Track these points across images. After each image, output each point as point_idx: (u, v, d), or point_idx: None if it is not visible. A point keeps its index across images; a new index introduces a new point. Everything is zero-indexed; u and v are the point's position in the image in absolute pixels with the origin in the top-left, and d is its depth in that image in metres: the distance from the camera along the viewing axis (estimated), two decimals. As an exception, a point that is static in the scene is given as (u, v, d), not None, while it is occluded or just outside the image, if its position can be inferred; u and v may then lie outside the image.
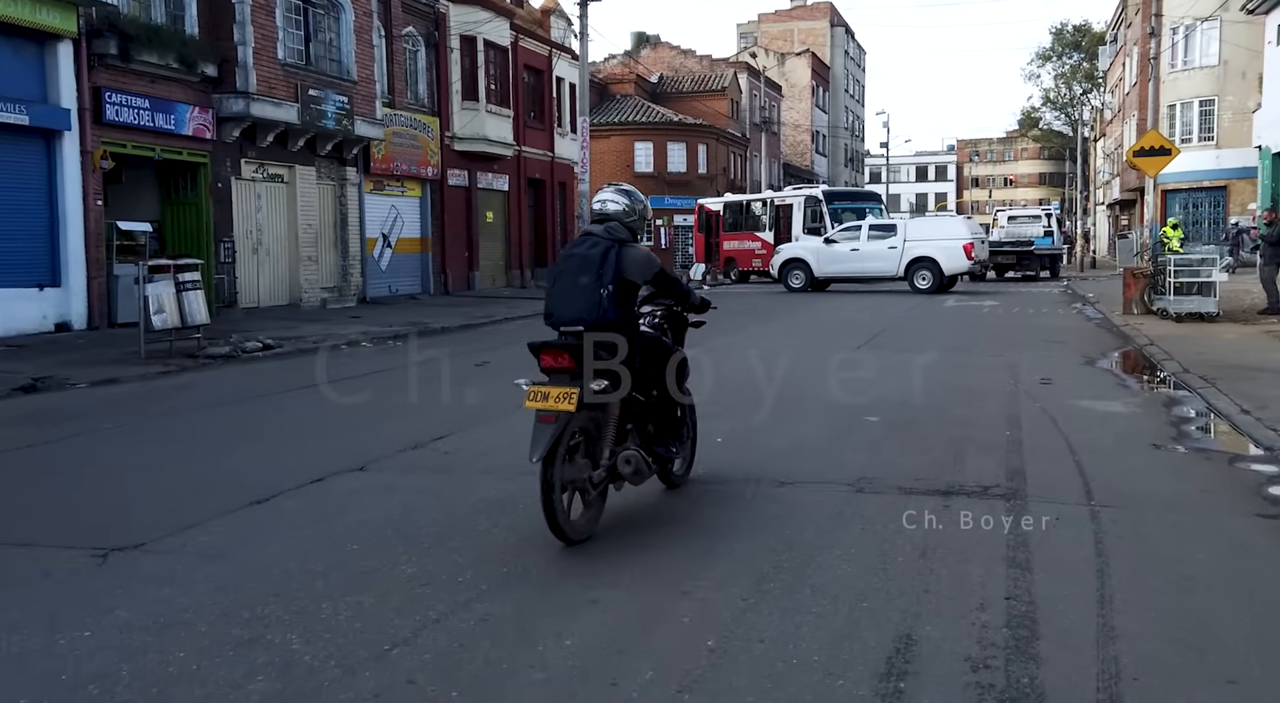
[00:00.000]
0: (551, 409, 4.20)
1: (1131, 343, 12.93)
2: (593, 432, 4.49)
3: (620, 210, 4.69)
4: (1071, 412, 7.83)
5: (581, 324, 4.41)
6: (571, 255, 4.53)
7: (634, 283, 4.56)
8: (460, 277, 24.61)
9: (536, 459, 4.17)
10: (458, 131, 24.06)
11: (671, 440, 5.05)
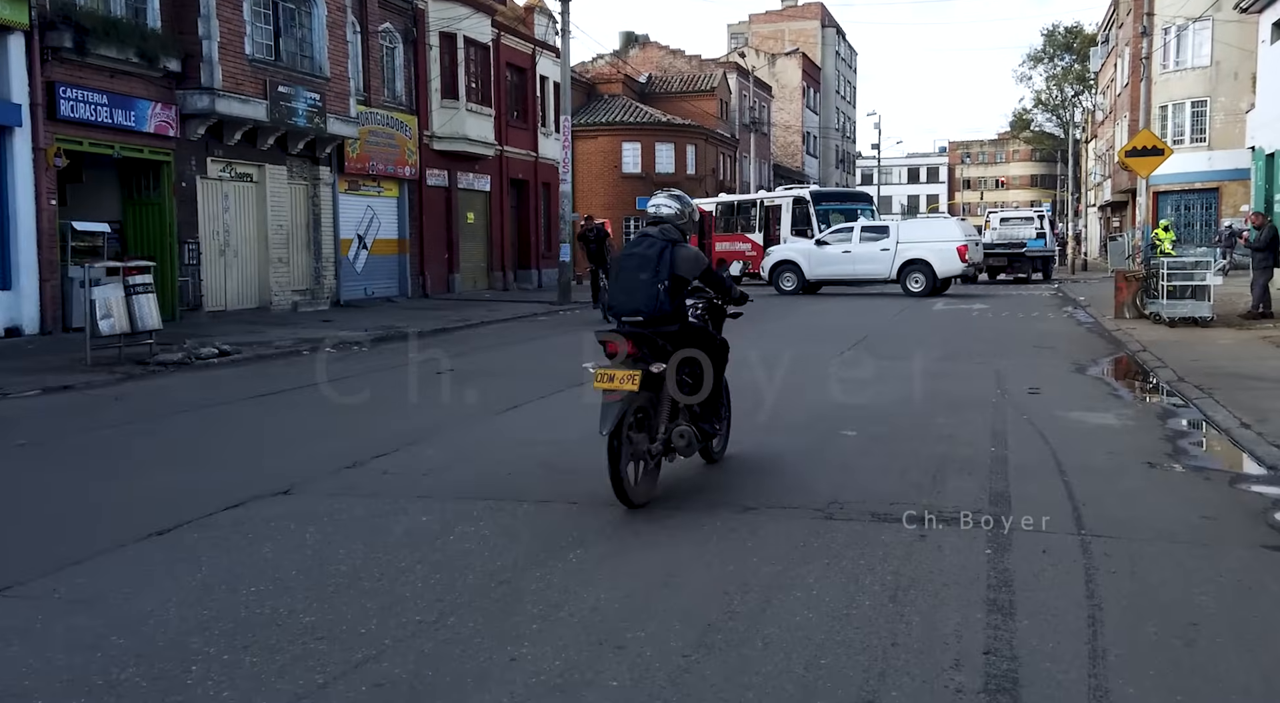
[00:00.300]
0: (617, 389, 4.81)
1: (1123, 349, 12.49)
2: (650, 410, 5.12)
3: (673, 214, 5.35)
4: (1060, 425, 7.37)
5: (640, 315, 5.07)
6: (631, 255, 5.16)
7: (685, 278, 5.21)
8: (440, 279, 24.08)
9: (605, 433, 4.76)
10: (437, 131, 23.53)
11: (714, 419, 5.73)
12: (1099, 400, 8.63)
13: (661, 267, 5.05)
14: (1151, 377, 10.09)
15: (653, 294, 5.05)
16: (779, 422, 7.53)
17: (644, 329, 5.09)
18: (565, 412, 8.13)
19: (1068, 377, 10.15)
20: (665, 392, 5.21)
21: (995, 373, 10.29)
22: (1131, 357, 11.73)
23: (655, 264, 5.06)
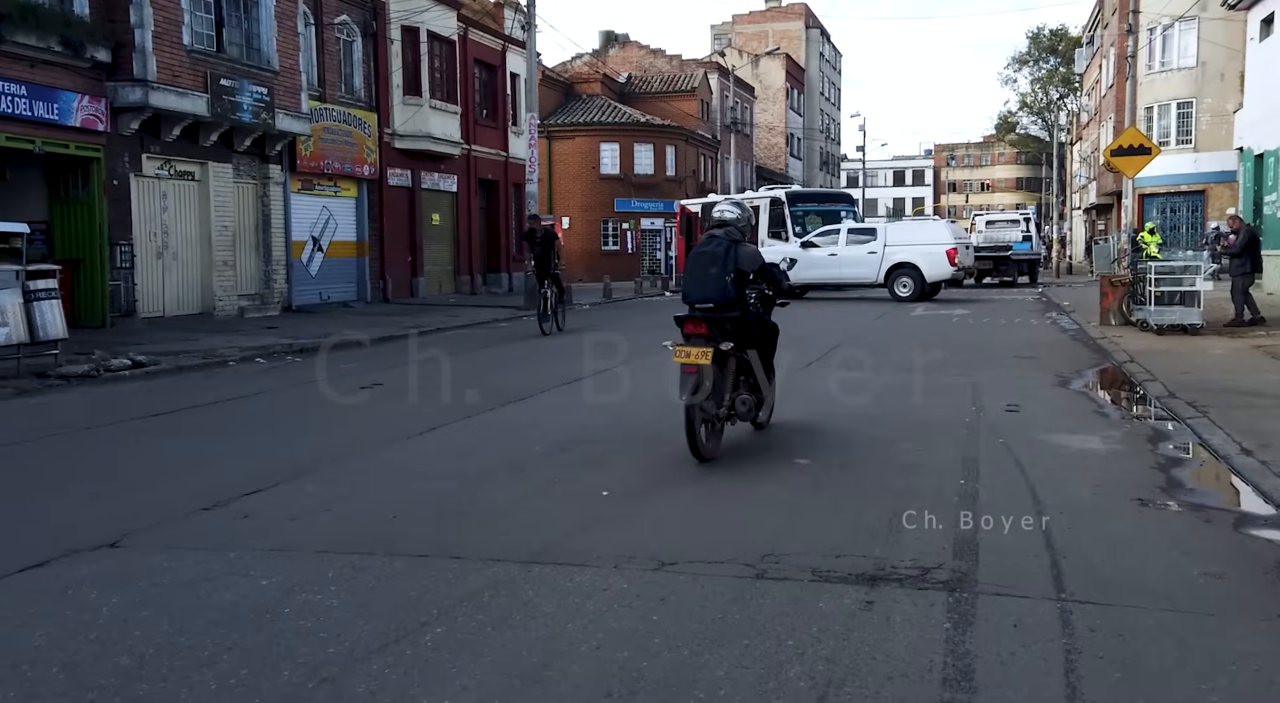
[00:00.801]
0: (693, 363, 5.83)
1: (1109, 360, 11.71)
2: (718, 381, 6.00)
3: (735, 218, 6.32)
4: (1040, 451, 6.55)
5: (711, 302, 6.07)
6: (702, 253, 6.17)
7: (746, 272, 6.19)
8: (402, 283, 23.15)
9: (684, 399, 5.81)
10: (399, 128, 22.62)
11: (770, 388, 6.74)
12: (1083, 420, 7.81)
13: (728, 262, 6.10)
14: (1140, 392, 9.30)
15: (721, 285, 6.09)
16: (723, 448, 6.68)
17: (714, 314, 6.12)
18: (485, 436, 7.27)
19: (1049, 392, 9.35)
20: (729, 366, 6.17)
21: (972, 387, 9.49)
22: (1118, 368, 10.94)
23: (723, 260, 6.10)
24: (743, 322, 6.25)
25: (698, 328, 6.08)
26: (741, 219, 6.37)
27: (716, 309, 6.12)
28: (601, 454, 6.55)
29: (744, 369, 6.38)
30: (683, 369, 5.91)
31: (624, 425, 7.59)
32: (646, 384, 9.64)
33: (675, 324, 6.21)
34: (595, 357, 12.14)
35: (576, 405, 8.72)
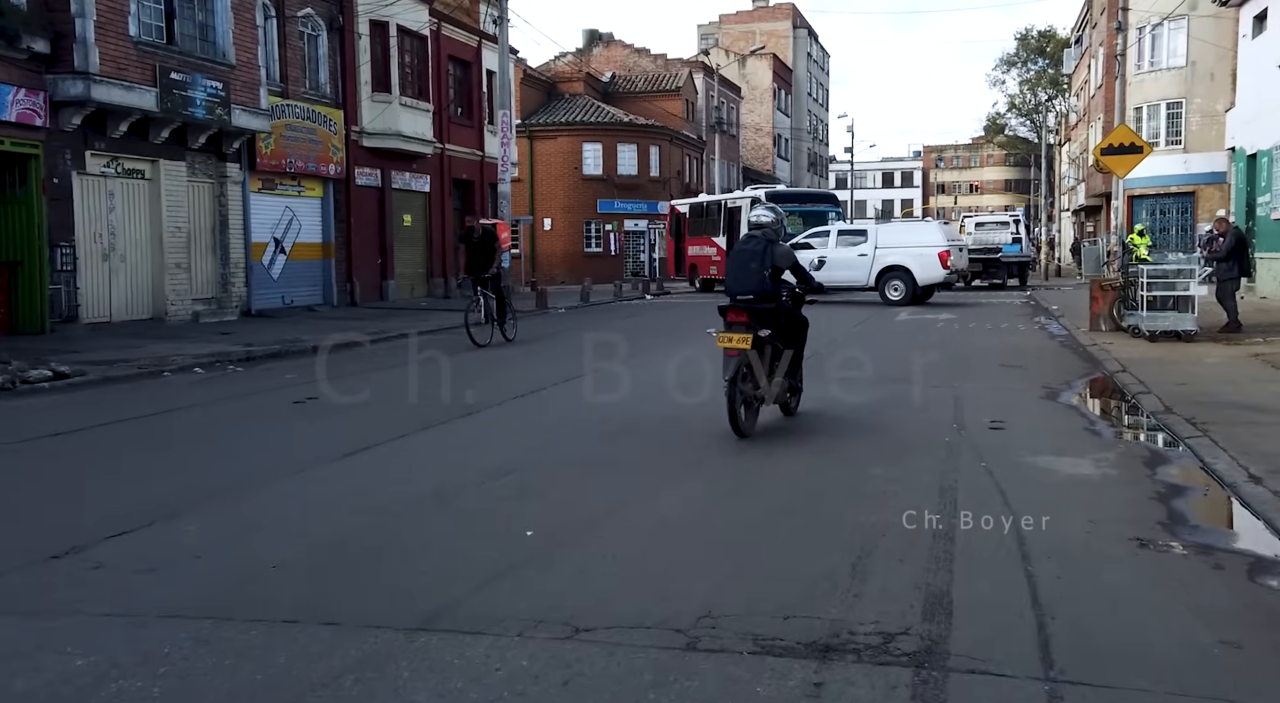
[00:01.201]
0: (735, 347, 6.60)
1: (1100, 368, 11.08)
2: (756, 366, 6.74)
3: (770, 222, 7.13)
4: (1026, 477, 5.88)
5: (751, 294, 6.85)
6: (743, 251, 7.00)
7: (780, 268, 6.94)
8: (371, 286, 22.39)
9: (727, 379, 6.59)
10: (367, 126, 21.86)
11: (799, 375, 7.45)
12: (1073, 440, 7.14)
13: (765, 258, 6.91)
14: (1134, 405, 8.65)
15: (760, 279, 6.89)
16: (672, 478, 5.99)
17: (753, 304, 6.88)
18: (416, 459, 6.56)
19: (1037, 405, 8.69)
20: (766, 352, 6.90)
21: (954, 400, 8.82)
22: (1110, 379, 10.30)
23: (761, 256, 6.91)
24: (777, 312, 7.05)
25: (739, 316, 6.88)
26: (776, 222, 7.26)
27: (755, 300, 6.94)
28: (537, 483, 5.86)
29: (778, 356, 7.13)
30: (725, 353, 6.75)
31: (565, 449, 6.90)
32: (597, 403, 8.96)
33: (719, 313, 7.07)
34: (548, 369, 11.46)
35: (524, 425, 8.01)
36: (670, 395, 9.21)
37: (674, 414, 8.17)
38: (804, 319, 7.58)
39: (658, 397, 9.16)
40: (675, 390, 9.52)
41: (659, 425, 7.67)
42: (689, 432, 7.35)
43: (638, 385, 9.90)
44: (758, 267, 6.93)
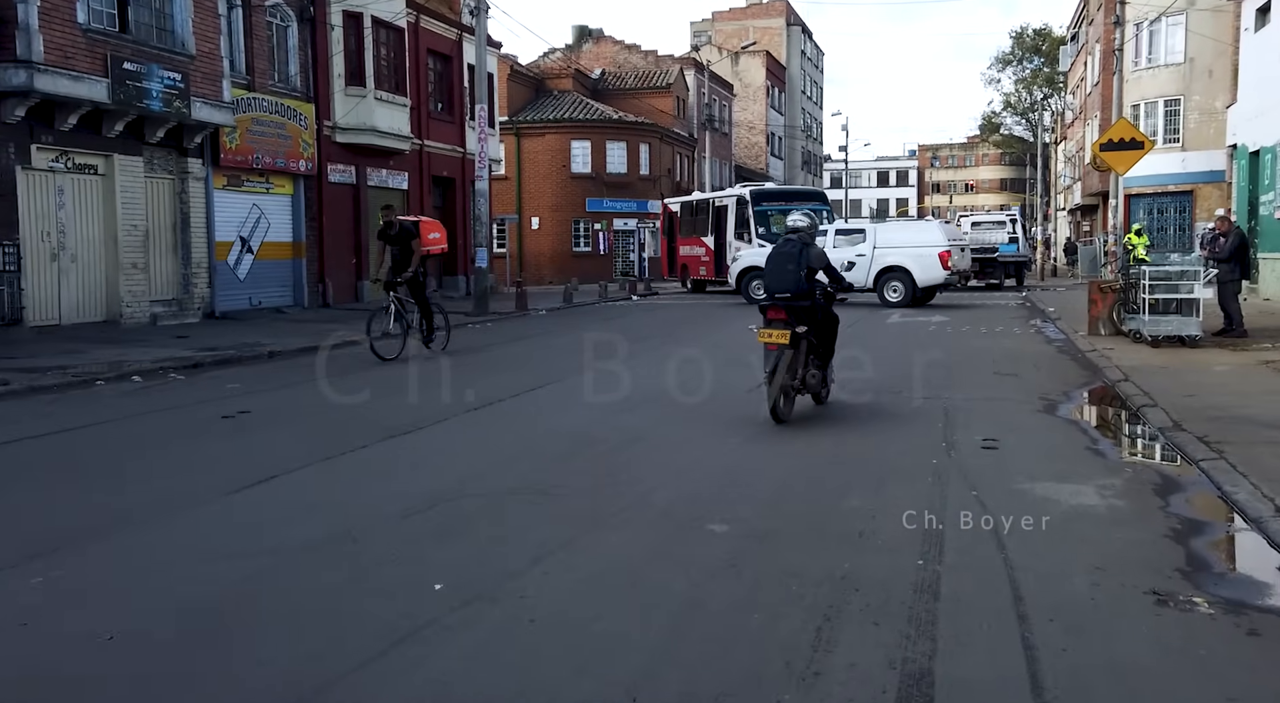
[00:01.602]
0: (775, 342, 7.34)
1: (1101, 377, 10.37)
2: (793, 359, 7.46)
3: (806, 225, 7.78)
4: (1023, 510, 5.17)
5: (789, 292, 7.52)
6: (781, 252, 7.65)
7: (815, 268, 7.63)
8: (345, 287, 21.63)
9: (767, 371, 7.36)
10: (340, 121, 21.10)
11: (830, 369, 8.10)
12: (1074, 462, 6.42)
13: (801, 260, 7.41)
14: (1139, 419, 7.94)
15: (797, 279, 7.39)
16: (621, 510, 5.27)
17: (791, 302, 7.38)
18: (334, 488, 5.82)
19: (1034, 420, 7.97)
20: (802, 346, 7.43)
21: (944, 413, 8.12)
22: (1111, 389, 9.59)
23: (797, 258, 7.42)
24: (811, 310, 7.58)
25: (778, 314, 7.43)
26: (811, 226, 7.80)
27: (792, 298, 7.46)
28: (461, 519, 5.13)
29: (812, 350, 7.71)
30: (765, 347, 7.38)
31: (497, 479, 6.17)
32: (546, 424, 8.24)
33: (759, 311, 7.66)
34: (492, 381, 10.73)
35: (460, 448, 7.29)
36: (623, 418, 8.48)
37: (631, 435, 7.45)
38: (836, 316, 8.09)
39: (609, 419, 8.43)
40: (634, 408, 8.80)
41: (606, 453, 6.95)
42: (641, 458, 6.64)
43: (592, 405, 9.19)
44: (794, 268, 7.48)
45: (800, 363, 7.52)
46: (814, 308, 7.60)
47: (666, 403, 8.92)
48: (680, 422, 7.89)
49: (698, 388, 9.79)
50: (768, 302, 7.59)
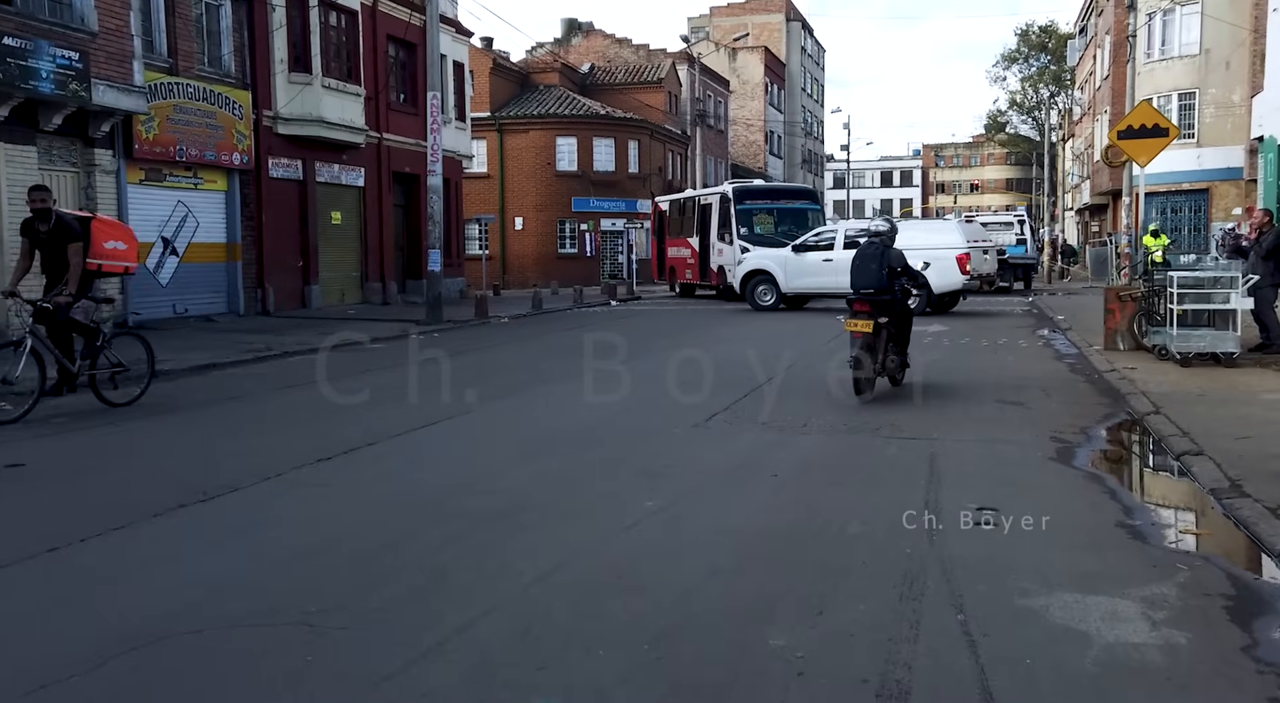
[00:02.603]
0: (859, 331, 8.45)
1: (1125, 406, 8.54)
2: (875, 346, 8.56)
3: (885, 230, 8.98)
4: (1034, 650, 3.35)
5: (871, 289, 8.62)
6: (864, 254, 8.82)
7: (894, 268, 8.71)
8: (289, 292, 19.84)
9: (852, 355, 8.49)
10: (282, 111, 19.32)
11: (905, 355, 9.24)
12: (1105, 552, 4.58)
13: (882, 260, 8.70)
14: (1183, 472, 6.11)
15: (879, 277, 8.66)
16: (422, 644, 3.44)
17: (873, 297, 8.63)
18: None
19: (1045, 474, 6.13)
20: (883, 335, 8.65)
21: (929, 462, 6.31)
22: (1141, 424, 7.76)
23: (879, 259, 8.71)
24: (891, 303, 8.63)
25: (862, 307, 8.50)
26: (891, 231, 8.94)
27: (874, 293, 8.52)
28: (212, 661, 3.30)
29: (892, 338, 8.72)
30: (851, 335, 8.51)
31: (255, 599, 4.35)
32: (397, 489, 6.45)
33: (846, 305, 8.83)
34: (369, 416, 8.94)
35: (265, 523, 5.49)
36: (513, 473, 6.69)
37: (506, 505, 5.66)
38: (911, 310, 9.40)
39: (495, 474, 6.63)
40: (535, 456, 7.02)
41: (450, 540, 5.14)
42: (492, 548, 4.83)
43: (484, 451, 7.41)
44: (876, 267, 8.65)
45: (881, 349, 8.65)
46: (893, 302, 8.74)
47: (580, 446, 7.11)
48: (581, 480, 6.08)
49: (624, 427, 7.99)
50: (853, 296, 8.73)
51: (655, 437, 7.38)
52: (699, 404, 8.63)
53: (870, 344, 8.48)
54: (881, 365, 8.71)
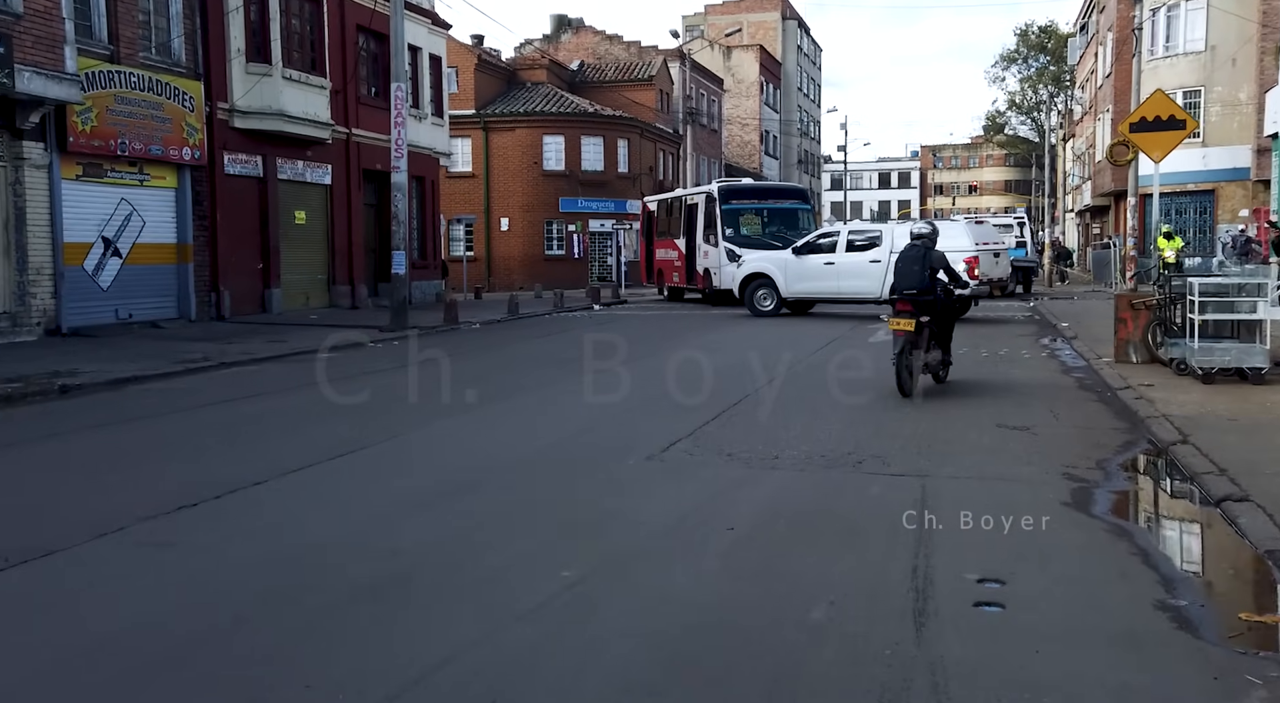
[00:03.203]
0: (902, 329, 8.72)
1: (1146, 432, 7.44)
2: (919, 343, 8.87)
3: (928, 233, 9.31)
4: None
5: (914, 289, 8.91)
6: (907, 256, 9.15)
7: (936, 269, 9.03)
8: (247, 296, 18.72)
9: (895, 353, 8.78)
10: (239, 103, 18.21)
11: (948, 353, 9.56)
12: (1144, 652, 3.47)
13: (924, 262, 8.99)
14: (1228, 521, 5.01)
15: (921, 277, 8.93)
16: None
17: (916, 297, 8.90)
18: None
19: (1060, 530, 5.01)
20: (925, 333, 8.93)
21: (918, 508, 5.20)
22: (1167, 456, 6.66)
23: (921, 261, 9.00)
24: (933, 303, 9.03)
25: (905, 306, 8.89)
26: (933, 233, 9.38)
27: (917, 294, 8.91)
28: None
29: (934, 336, 9.15)
30: (894, 334, 8.85)
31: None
32: (262, 550, 5.33)
33: (889, 305, 9.43)
34: (280, 444, 7.84)
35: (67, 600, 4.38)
36: (418, 521, 5.61)
37: (382, 577, 4.56)
38: (954, 308, 9.81)
39: (394, 523, 5.54)
40: (455, 497, 5.93)
41: (288, 631, 4.04)
42: (354, 637, 3.72)
43: (390, 492, 6.32)
44: (919, 268, 8.90)
45: (923, 346, 8.92)
46: (935, 302, 9.00)
47: (510, 484, 6.01)
48: (494, 534, 4.97)
49: (569, 458, 6.89)
50: (896, 297, 9.03)
51: (601, 471, 6.29)
52: (660, 429, 7.53)
53: (913, 342, 8.77)
54: (924, 363, 9.01)
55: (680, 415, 8.11)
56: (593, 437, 7.48)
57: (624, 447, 6.94)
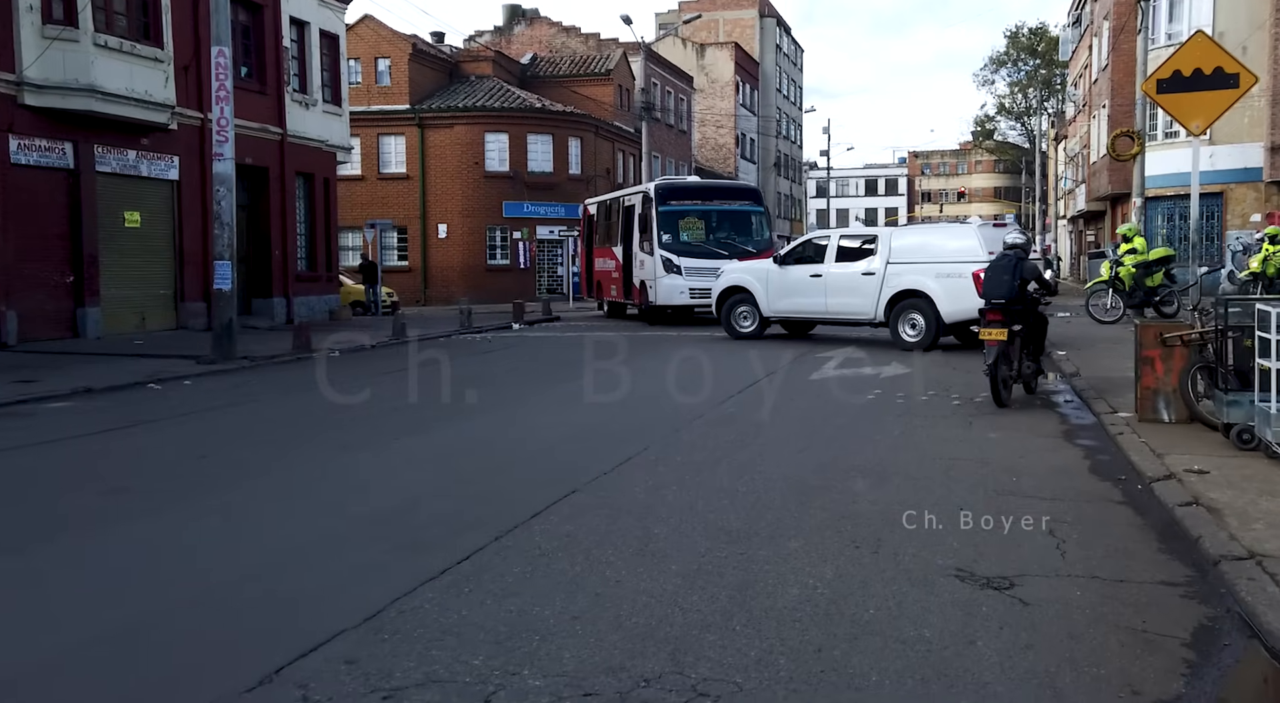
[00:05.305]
0: (994, 338, 8.74)
1: (1230, 598, 3.84)
2: (1010, 353, 8.97)
3: (1021, 242, 9.45)
4: None
5: (1004, 298, 8.98)
6: (998, 265, 9.24)
7: (1026, 279, 9.12)
8: (46, 317, 15.05)
9: (989, 362, 8.73)
10: (33, 75, 14.61)
11: (1040, 361, 9.72)
12: None
13: (1015, 272, 9.06)
14: None
15: (1012, 287, 9.02)
16: None
17: (1006, 306, 8.94)
18: None
19: None
20: (1017, 342, 9.04)
21: None
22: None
23: (1012, 270, 9.07)
24: (1024, 312, 9.09)
25: (996, 316, 8.89)
26: (1027, 243, 9.62)
27: (1007, 303, 8.96)
28: None
29: (1025, 345, 9.22)
30: (986, 343, 8.82)
31: None
32: None
33: (978, 314, 9.35)
34: None
35: None
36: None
37: None
38: (1044, 317, 9.86)
39: None
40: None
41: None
42: None
43: None
44: (1009, 278, 9.04)
45: (1015, 355, 9.05)
46: (1026, 311, 9.09)
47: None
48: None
49: (326, 580, 3.28)
50: (986, 306, 9.04)
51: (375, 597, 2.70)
52: (483, 530, 3.94)
53: (1005, 352, 8.76)
54: (1017, 371, 9.10)
55: (509, 502, 4.53)
56: (387, 538, 3.87)
57: (415, 564, 3.35)
